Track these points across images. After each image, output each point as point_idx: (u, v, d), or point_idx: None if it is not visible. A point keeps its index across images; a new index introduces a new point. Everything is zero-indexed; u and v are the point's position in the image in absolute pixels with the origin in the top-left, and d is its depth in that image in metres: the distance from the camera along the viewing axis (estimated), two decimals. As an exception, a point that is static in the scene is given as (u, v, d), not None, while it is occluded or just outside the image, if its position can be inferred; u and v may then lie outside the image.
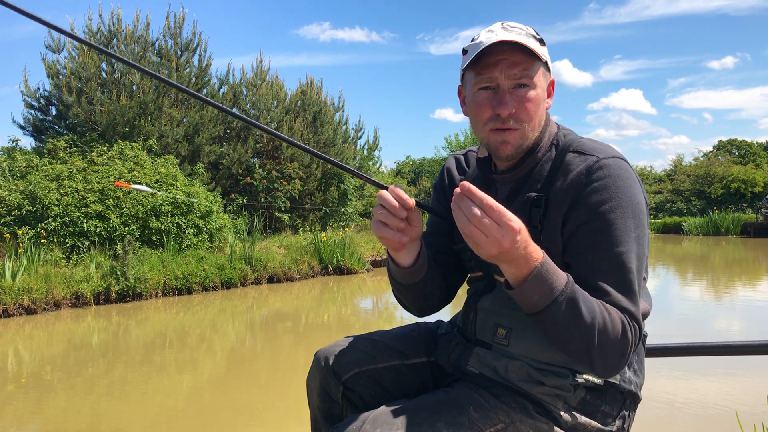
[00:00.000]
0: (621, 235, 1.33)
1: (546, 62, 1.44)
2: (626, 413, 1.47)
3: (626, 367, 1.46)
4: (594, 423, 1.42)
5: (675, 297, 10.33)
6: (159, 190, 11.01)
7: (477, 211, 1.16)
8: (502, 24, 1.43)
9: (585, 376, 1.42)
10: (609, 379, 1.43)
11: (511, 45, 1.37)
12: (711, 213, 28.00)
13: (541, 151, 1.48)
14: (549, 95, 1.50)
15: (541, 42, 1.44)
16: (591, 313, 1.26)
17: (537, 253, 1.24)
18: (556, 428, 1.39)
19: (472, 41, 1.45)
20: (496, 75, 1.40)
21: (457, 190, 1.19)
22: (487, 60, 1.39)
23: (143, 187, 10.60)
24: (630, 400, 1.47)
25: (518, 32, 1.40)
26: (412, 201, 1.34)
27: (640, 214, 1.37)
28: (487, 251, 1.19)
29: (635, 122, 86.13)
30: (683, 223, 27.95)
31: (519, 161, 1.49)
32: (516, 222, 1.17)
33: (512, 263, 1.23)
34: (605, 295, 1.31)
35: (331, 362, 1.63)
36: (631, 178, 1.38)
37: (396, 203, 1.34)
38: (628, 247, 1.33)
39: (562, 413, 1.40)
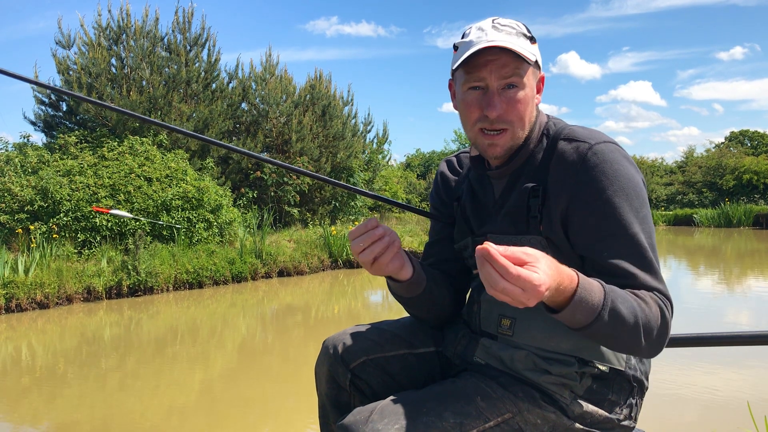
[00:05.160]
0: (629, 217, 1.34)
1: (536, 61, 1.44)
2: (633, 401, 1.47)
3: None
4: (601, 411, 1.42)
5: (686, 288, 10.28)
6: (138, 216, 10.88)
7: (501, 284, 1.07)
8: (493, 21, 1.43)
9: (591, 363, 1.43)
10: (615, 367, 1.44)
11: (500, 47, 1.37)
12: (723, 204, 27.80)
13: (533, 142, 1.49)
14: (538, 91, 1.50)
15: (532, 39, 1.44)
16: (632, 312, 1.25)
17: (571, 282, 1.19)
18: (563, 417, 1.40)
19: (463, 37, 1.45)
20: (485, 75, 1.40)
21: (479, 249, 1.09)
22: (477, 60, 1.39)
23: (122, 213, 10.54)
24: (637, 388, 1.48)
25: (509, 31, 1.40)
26: (372, 220, 1.40)
27: (641, 193, 1.38)
28: (518, 306, 1.12)
29: (645, 114, 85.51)
30: (695, 215, 27.77)
31: (511, 155, 1.49)
32: (544, 284, 1.08)
33: (548, 300, 1.21)
34: (631, 278, 1.32)
35: (339, 350, 1.65)
36: (624, 160, 1.39)
37: (366, 234, 1.39)
38: (638, 227, 1.34)
39: (568, 402, 1.41)
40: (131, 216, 10.68)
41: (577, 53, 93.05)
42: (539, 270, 1.09)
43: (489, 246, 1.07)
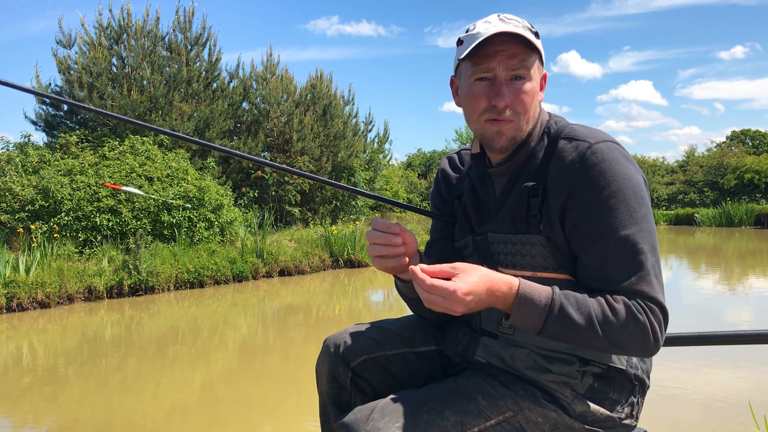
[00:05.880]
0: (625, 218, 1.33)
1: (541, 55, 1.45)
2: (634, 400, 1.47)
3: None
4: (602, 410, 1.42)
5: (687, 288, 10.27)
6: (152, 194, 10.96)
7: (424, 295, 1.24)
8: (498, 16, 1.43)
9: (592, 362, 1.42)
10: (616, 365, 1.43)
11: (509, 36, 1.38)
12: (724, 204, 27.76)
13: (534, 140, 1.48)
14: (541, 88, 1.50)
15: (536, 35, 1.45)
16: (585, 316, 1.29)
17: (510, 288, 1.30)
18: (564, 415, 1.40)
19: (467, 32, 1.45)
20: (494, 66, 1.40)
21: (409, 269, 1.28)
22: (485, 51, 1.39)
23: (135, 190, 10.59)
24: (638, 386, 1.47)
25: (515, 24, 1.41)
26: (396, 226, 1.43)
27: (641, 193, 1.36)
28: (453, 314, 1.26)
29: (646, 113, 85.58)
30: (696, 215, 27.74)
31: (512, 153, 1.49)
32: (459, 289, 1.22)
33: (491, 306, 1.31)
34: (616, 283, 1.31)
35: (340, 349, 1.65)
36: (624, 160, 1.38)
37: (386, 235, 1.43)
38: (635, 228, 1.33)
39: (569, 400, 1.40)
40: (143, 193, 10.73)
41: (578, 53, 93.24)
42: (458, 279, 1.24)
43: (412, 267, 1.26)
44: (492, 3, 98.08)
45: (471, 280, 1.24)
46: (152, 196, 10.92)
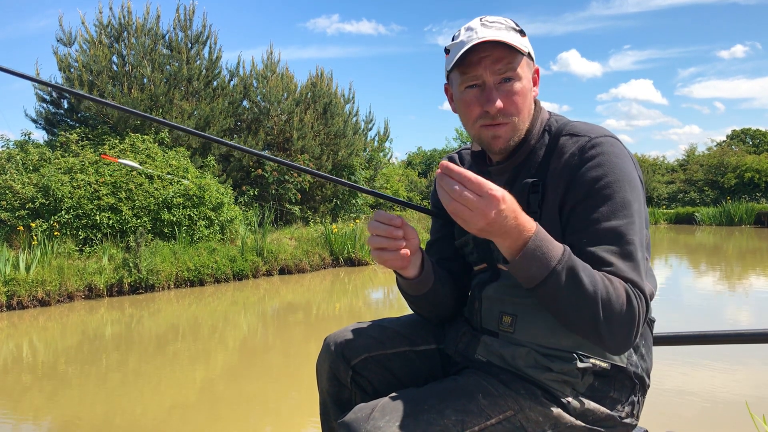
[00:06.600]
0: (619, 208, 1.33)
1: (529, 53, 1.45)
2: (635, 399, 1.47)
3: (632, 351, 1.46)
4: (603, 409, 1.42)
5: (687, 286, 10.27)
6: (150, 172, 11.07)
7: (457, 186, 1.17)
8: (480, 20, 1.44)
9: (592, 360, 1.42)
10: (616, 364, 1.43)
11: (492, 42, 1.38)
12: (724, 203, 27.75)
13: (534, 138, 1.49)
14: (535, 83, 1.50)
15: (522, 33, 1.45)
16: (593, 282, 1.25)
17: (529, 224, 1.25)
18: (564, 414, 1.40)
19: (453, 40, 1.46)
20: (481, 72, 1.41)
21: (438, 171, 1.20)
22: (471, 58, 1.40)
23: (132, 163, 10.66)
24: (638, 385, 1.47)
25: (498, 27, 1.41)
26: (398, 219, 1.39)
27: (636, 189, 1.37)
28: (476, 224, 1.19)
29: (646, 112, 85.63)
30: (696, 214, 27.73)
31: (513, 151, 1.50)
32: (497, 190, 1.17)
33: (504, 236, 1.23)
34: (607, 265, 1.30)
35: (340, 347, 1.65)
36: (624, 155, 1.39)
37: (387, 226, 1.39)
38: (627, 219, 1.33)
39: (570, 399, 1.40)
40: (140, 167, 10.78)
41: (578, 51, 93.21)
42: (496, 187, 1.19)
43: (448, 162, 1.20)
44: (492, 2, 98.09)
45: (510, 200, 1.20)
46: (150, 171, 10.98)
